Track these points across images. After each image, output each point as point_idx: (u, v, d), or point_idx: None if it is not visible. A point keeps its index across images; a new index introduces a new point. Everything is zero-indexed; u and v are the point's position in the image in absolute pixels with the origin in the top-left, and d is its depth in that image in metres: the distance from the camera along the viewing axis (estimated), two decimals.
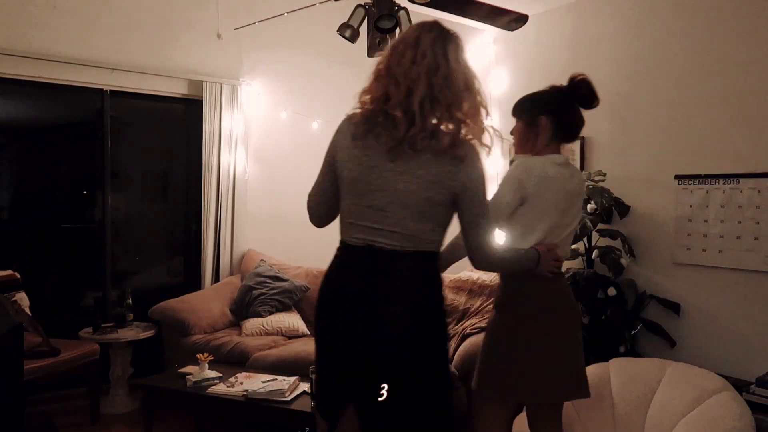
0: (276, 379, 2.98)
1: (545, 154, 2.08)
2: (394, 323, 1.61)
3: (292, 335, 3.89)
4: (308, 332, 3.97)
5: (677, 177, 3.61)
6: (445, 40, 1.63)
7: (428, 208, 1.62)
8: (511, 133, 2.18)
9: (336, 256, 1.75)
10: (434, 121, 1.60)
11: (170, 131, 4.58)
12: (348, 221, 1.69)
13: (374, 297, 1.62)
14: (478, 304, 3.68)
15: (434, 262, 1.71)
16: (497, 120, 4.22)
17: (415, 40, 1.62)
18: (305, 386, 2.91)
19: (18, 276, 3.44)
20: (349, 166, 1.65)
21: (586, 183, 3.80)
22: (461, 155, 1.61)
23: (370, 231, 1.63)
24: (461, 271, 4.15)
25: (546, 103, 2.13)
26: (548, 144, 2.11)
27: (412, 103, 1.57)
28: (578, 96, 2.10)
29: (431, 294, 1.70)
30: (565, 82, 2.12)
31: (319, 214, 1.83)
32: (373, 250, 1.63)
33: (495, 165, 4.68)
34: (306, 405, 2.77)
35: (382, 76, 1.63)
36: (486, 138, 1.66)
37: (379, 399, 1.61)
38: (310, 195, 1.84)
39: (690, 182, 3.55)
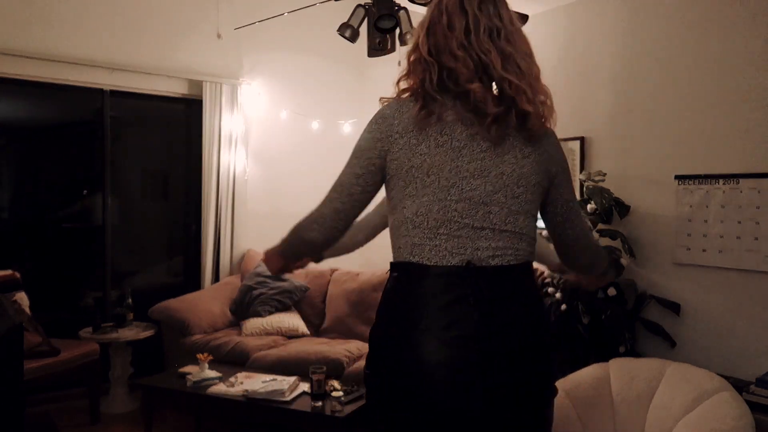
0: (276, 379, 2.98)
1: None
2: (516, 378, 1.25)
3: (292, 335, 3.89)
4: (308, 332, 3.98)
5: (677, 177, 3.61)
6: (494, 1, 1.37)
7: (536, 198, 1.34)
8: None
9: (404, 284, 1.30)
10: (515, 92, 1.31)
11: (170, 131, 4.58)
12: (425, 229, 1.28)
13: (487, 341, 1.24)
14: None
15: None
16: None
17: (458, 6, 1.34)
18: (305, 386, 2.91)
19: (18, 276, 3.44)
20: (423, 149, 1.28)
21: (586, 183, 3.80)
22: (549, 132, 1.37)
23: (470, 238, 1.27)
24: None
25: None
26: None
27: (492, 76, 1.30)
28: None
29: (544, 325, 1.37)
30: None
31: (335, 231, 1.38)
32: (478, 268, 1.25)
33: None
34: (306, 405, 2.77)
35: (424, 58, 1.33)
36: (554, 115, 1.38)
37: None
38: (321, 212, 1.39)
39: (690, 182, 3.55)
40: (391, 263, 1.36)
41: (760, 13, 3.27)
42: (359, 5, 3.11)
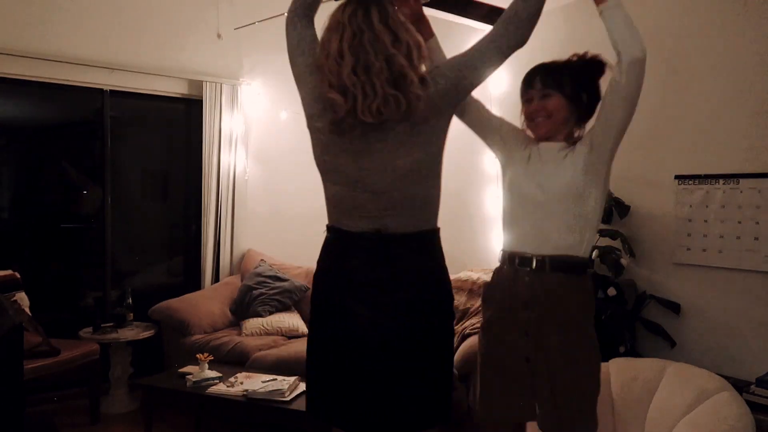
0: (276, 379, 2.98)
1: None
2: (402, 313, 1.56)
3: (292, 335, 3.89)
4: (308, 332, 3.97)
5: (677, 177, 3.61)
6: (365, 8, 1.52)
7: (438, 165, 1.58)
8: (537, 109, 1.92)
9: (336, 243, 1.64)
10: (377, 82, 1.46)
11: (170, 131, 4.59)
12: (342, 210, 1.60)
13: (398, 292, 1.55)
14: (478, 304, 3.67)
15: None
16: None
17: (336, 23, 1.54)
18: (305, 386, 2.91)
19: (18, 276, 3.44)
20: (332, 150, 1.58)
21: None
22: (420, 89, 1.49)
23: (378, 217, 1.55)
24: (461, 271, 4.16)
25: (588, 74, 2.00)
26: None
27: (342, 75, 1.47)
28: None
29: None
30: None
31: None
32: (386, 236, 1.54)
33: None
34: (305, 405, 2.77)
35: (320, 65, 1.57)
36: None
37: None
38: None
39: (690, 182, 3.55)
40: (327, 225, 1.67)
41: (760, 14, 3.27)
42: None
